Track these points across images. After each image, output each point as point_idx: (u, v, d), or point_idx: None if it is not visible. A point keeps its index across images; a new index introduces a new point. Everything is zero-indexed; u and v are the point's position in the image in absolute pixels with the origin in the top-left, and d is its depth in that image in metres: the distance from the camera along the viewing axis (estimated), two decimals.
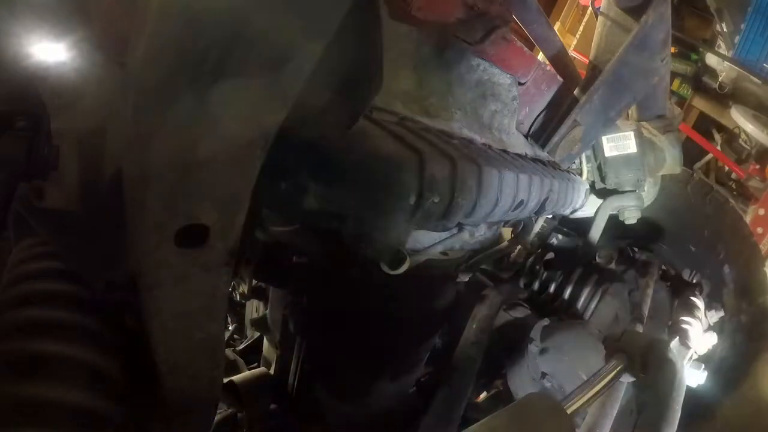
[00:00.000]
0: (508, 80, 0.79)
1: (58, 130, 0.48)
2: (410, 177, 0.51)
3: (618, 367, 0.78)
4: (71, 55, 0.47)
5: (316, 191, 0.54)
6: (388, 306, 0.83)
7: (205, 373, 0.49)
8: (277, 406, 0.88)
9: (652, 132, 1.29)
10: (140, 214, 0.36)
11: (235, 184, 0.39)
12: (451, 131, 0.72)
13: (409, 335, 0.88)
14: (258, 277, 0.85)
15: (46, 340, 0.46)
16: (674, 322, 1.09)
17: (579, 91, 0.95)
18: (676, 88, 3.94)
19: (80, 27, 0.45)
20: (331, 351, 0.84)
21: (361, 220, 0.54)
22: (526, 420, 0.56)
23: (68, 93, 0.50)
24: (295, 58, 0.34)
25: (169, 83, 0.31)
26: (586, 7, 3.91)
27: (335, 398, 0.87)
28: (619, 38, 0.93)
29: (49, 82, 0.50)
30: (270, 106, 0.36)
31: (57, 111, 0.50)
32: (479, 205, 0.62)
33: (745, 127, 3.39)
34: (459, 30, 0.64)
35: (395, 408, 0.99)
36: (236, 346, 1.15)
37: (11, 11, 0.46)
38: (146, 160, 0.33)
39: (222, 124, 0.34)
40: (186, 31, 0.29)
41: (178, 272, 0.40)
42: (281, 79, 0.35)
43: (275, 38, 0.32)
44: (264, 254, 0.81)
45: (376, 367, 0.88)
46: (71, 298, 0.49)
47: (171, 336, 0.44)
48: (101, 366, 0.48)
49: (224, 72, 0.32)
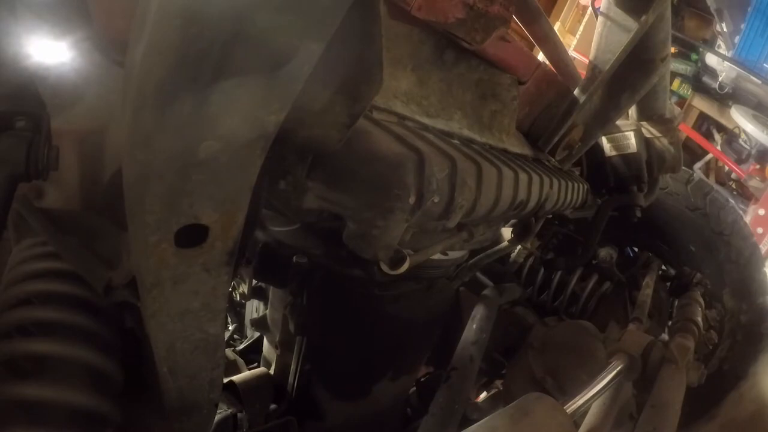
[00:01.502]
0: (508, 80, 0.79)
1: (58, 130, 0.48)
2: (410, 177, 0.51)
3: (618, 367, 0.78)
4: (71, 55, 0.47)
5: (316, 191, 0.54)
6: (388, 306, 0.83)
7: (205, 373, 0.49)
8: (277, 406, 0.88)
9: (652, 132, 1.29)
10: (140, 214, 0.36)
11: (235, 184, 0.39)
12: (451, 131, 0.72)
13: (408, 335, 0.88)
14: (258, 277, 0.85)
15: (46, 340, 0.46)
16: (674, 322, 1.10)
17: (579, 91, 0.95)
18: (676, 88, 3.94)
19: (80, 27, 0.46)
20: (331, 351, 0.84)
21: (361, 220, 0.54)
22: (526, 420, 0.56)
23: (68, 93, 0.50)
24: (295, 58, 0.34)
25: (169, 83, 0.31)
26: (586, 7, 3.91)
27: (335, 398, 0.87)
28: (619, 38, 0.93)
29: (49, 82, 0.50)
30: (270, 106, 0.36)
31: (57, 111, 0.50)
32: (479, 204, 0.62)
33: (745, 127, 3.39)
34: (459, 30, 0.64)
35: (395, 408, 0.99)
36: (236, 346, 1.15)
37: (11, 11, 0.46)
38: (146, 160, 0.33)
39: (222, 124, 0.34)
40: (186, 31, 0.29)
41: (178, 272, 0.40)
42: (281, 79, 0.35)
43: (275, 38, 0.32)
44: (264, 254, 0.81)
45: (376, 367, 0.88)
46: (71, 298, 0.49)
47: (171, 336, 0.44)
48: (101, 366, 0.48)
49: (224, 72, 0.32)
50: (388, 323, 0.84)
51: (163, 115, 0.32)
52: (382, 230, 0.54)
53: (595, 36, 0.97)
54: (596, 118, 1.03)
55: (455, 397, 0.69)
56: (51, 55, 0.47)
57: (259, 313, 1.09)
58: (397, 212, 0.52)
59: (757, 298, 1.27)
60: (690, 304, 1.16)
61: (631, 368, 0.80)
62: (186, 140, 0.34)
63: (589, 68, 0.97)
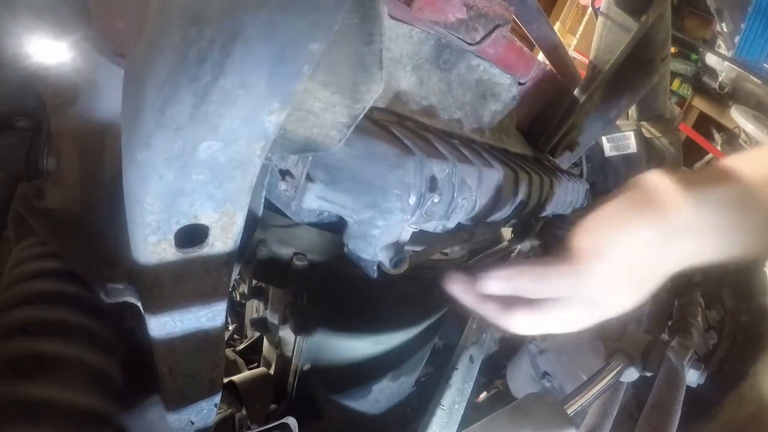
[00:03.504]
0: (508, 80, 0.79)
1: (58, 130, 0.48)
2: (410, 177, 0.51)
3: (618, 367, 0.78)
4: (71, 55, 0.47)
5: (316, 191, 0.54)
6: (388, 306, 0.83)
7: (205, 373, 0.49)
8: (277, 406, 0.88)
9: (652, 132, 1.29)
10: (140, 214, 0.36)
11: (235, 184, 0.39)
12: (451, 131, 0.72)
13: (409, 335, 0.88)
14: (258, 277, 0.85)
15: (46, 340, 0.46)
16: (674, 322, 1.09)
17: (579, 91, 0.95)
18: (676, 88, 3.94)
19: (80, 27, 0.46)
20: (331, 351, 0.84)
21: (361, 220, 0.54)
22: (526, 420, 0.56)
23: (68, 93, 0.50)
24: (295, 58, 0.34)
25: (169, 83, 0.31)
26: (586, 7, 3.91)
27: (335, 398, 0.87)
28: (619, 38, 0.93)
29: (49, 82, 0.50)
30: (270, 106, 0.36)
31: (57, 111, 0.50)
32: (479, 205, 0.62)
33: (745, 127, 3.39)
34: (459, 30, 0.64)
35: (395, 408, 0.99)
36: (236, 346, 1.15)
37: (11, 11, 0.46)
38: (146, 160, 0.33)
39: (222, 124, 0.34)
40: (186, 31, 0.29)
41: (178, 272, 0.40)
42: (281, 79, 0.35)
43: (275, 38, 0.32)
44: (264, 254, 0.81)
45: (376, 367, 0.88)
46: (71, 298, 0.49)
47: (171, 336, 0.44)
48: (101, 366, 0.48)
49: (224, 72, 0.32)
50: (388, 323, 0.84)
51: (163, 115, 0.32)
52: (382, 230, 0.54)
53: (595, 36, 0.97)
54: (596, 118, 1.03)
55: (455, 397, 0.69)
56: (51, 55, 0.48)
57: (259, 313, 1.09)
58: (397, 212, 0.52)
59: (757, 298, 1.27)
60: (690, 304, 1.15)
61: (631, 368, 0.80)
62: (186, 140, 0.34)
63: (589, 68, 0.97)
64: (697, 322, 1.08)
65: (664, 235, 0.42)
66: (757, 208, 0.40)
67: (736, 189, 0.41)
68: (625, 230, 0.44)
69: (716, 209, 0.41)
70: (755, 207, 0.40)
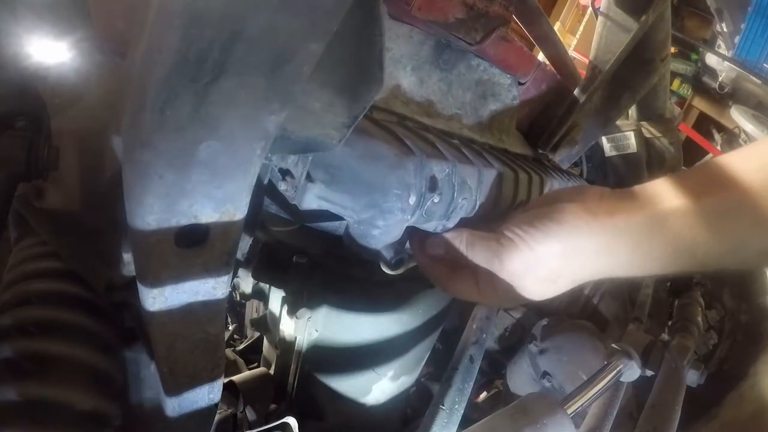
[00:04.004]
0: (508, 80, 0.79)
1: (58, 130, 0.48)
2: (410, 177, 0.51)
3: (618, 367, 0.78)
4: (71, 55, 0.47)
5: (316, 191, 0.54)
6: (388, 306, 0.83)
7: (205, 373, 0.49)
8: (277, 406, 0.88)
9: (652, 132, 1.29)
10: (140, 214, 0.36)
11: (235, 184, 0.39)
12: (451, 131, 0.72)
13: (409, 335, 0.88)
14: (258, 277, 0.85)
15: (46, 340, 0.46)
16: (674, 322, 1.10)
17: (579, 91, 0.95)
18: (676, 88, 3.95)
19: (80, 27, 0.46)
20: (331, 351, 0.84)
21: (361, 220, 0.54)
22: (526, 420, 0.56)
23: (68, 93, 0.50)
24: (295, 58, 0.34)
25: (169, 83, 0.31)
26: (586, 7, 3.91)
27: (335, 398, 0.87)
28: (619, 38, 0.93)
29: (49, 82, 0.50)
30: (270, 106, 0.36)
31: (57, 111, 0.50)
32: (479, 205, 0.62)
33: (745, 127, 3.39)
34: (459, 30, 0.64)
35: (395, 408, 0.99)
36: (236, 346, 1.15)
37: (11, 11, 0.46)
38: (146, 160, 0.33)
39: (222, 124, 0.34)
40: (186, 31, 0.29)
41: (178, 272, 0.40)
42: (281, 79, 0.35)
43: (275, 38, 0.32)
44: (264, 254, 0.81)
45: (376, 367, 0.88)
46: (71, 298, 0.49)
47: (171, 336, 0.44)
48: (101, 366, 0.48)
49: (224, 72, 0.32)
50: (388, 323, 0.84)
51: (163, 115, 0.32)
52: (382, 230, 0.54)
53: (595, 36, 0.97)
54: (596, 118, 1.03)
55: (455, 397, 0.69)
56: (51, 55, 0.48)
57: (259, 313, 1.09)
58: (397, 212, 0.52)
59: (757, 298, 1.27)
60: (690, 304, 1.16)
61: (631, 368, 0.80)
62: (186, 140, 0.34)
63: (589, 68, 0.97)
64: (697, 322, 1.08)
65: (566, 251, 0.48)
66: (665, 237, 0.45)
67: (647, 218, 0.45)
68: (543, 232, 0.49)
69: (615, 237, 0.47)
70: (662, 236, 0.45)
